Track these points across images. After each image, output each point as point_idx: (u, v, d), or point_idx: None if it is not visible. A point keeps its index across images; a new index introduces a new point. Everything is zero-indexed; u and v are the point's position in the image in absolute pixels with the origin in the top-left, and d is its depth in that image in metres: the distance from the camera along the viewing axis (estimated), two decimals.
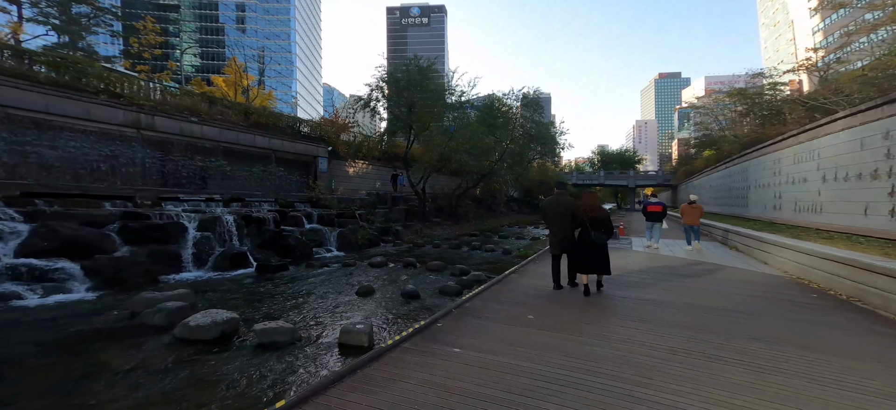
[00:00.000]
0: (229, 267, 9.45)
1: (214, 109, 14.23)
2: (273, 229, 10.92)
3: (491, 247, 14.00)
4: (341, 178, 20.32)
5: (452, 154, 18.16)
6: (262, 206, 12.41)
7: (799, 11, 58.69)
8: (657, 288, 6.01)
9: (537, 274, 7.02)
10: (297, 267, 10.28)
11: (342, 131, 20.07)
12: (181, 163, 12.54)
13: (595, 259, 5.25)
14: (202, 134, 13.04)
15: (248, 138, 14.67)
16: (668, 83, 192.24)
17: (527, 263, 8.14)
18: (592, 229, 5.19)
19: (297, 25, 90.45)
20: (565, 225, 5.53)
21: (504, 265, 11.11)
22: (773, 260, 7.65)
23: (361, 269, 10.38)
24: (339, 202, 16.00)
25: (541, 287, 6.05)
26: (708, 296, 5.54)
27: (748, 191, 15.03)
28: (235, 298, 7.28)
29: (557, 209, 5.66)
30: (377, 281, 9.12)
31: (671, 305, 5.07)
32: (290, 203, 13.76)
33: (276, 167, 15.67)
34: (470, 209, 27.28)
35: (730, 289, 5.96)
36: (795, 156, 10.26)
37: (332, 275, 9.61)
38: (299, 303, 7.01)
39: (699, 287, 6.15)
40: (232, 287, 8.20)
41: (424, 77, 17.82)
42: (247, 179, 14.32)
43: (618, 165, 57.81)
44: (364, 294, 7.65)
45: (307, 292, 7.95)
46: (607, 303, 5.17)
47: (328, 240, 13.27)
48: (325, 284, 8.70)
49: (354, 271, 10.14)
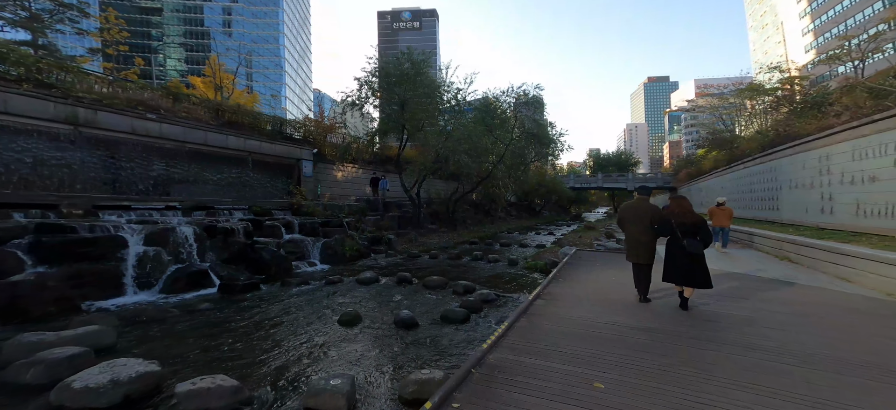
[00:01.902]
0: (185, 287, 7.63)
1: (179, 106, 12.34)
2: (243, 241, 9.09)
3: (494, 257, 12.37)
4: (328, 183, 18.53)
5: (449, 155, 16.50)
6: (233, 215, 10.54)
7: (788, 13, 58.99)
8: (760, 326, 4.33)
9: (571, 300, 5.37)
10: (272, 285, 8.53)
11: (329, 132, 18.33)
12: (134, 166, 10.64)
13: (688, 269, 4.66)
14: (162, 133, 11.15)
15: (220, 139, 12.81)
16: (656, 87, 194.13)
17: (549, 283, 6.47)
18: (684, 236, 4.64)
19: (286, 29, 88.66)
20: (644, 232, 5.12)
21: (515, 280, 9.47)
22: (859, 278, 6.10)
23: (347, 287, 8.67)
24: (325, 209, 14.21)
25: (586, 320, 4.40)
26: (834, 339, 3.90)
27: (779, 193, 13.64)
28: (179, 332, 5.50)
29: (637, 215, 5.25)
30: (365, 302, 7.41)
31: (801, 357, 3.40)
32: (268, 211, 11.90)
33: (253, 171, 13.81)
34: (468, 215, 25.67)
35: (847, 323, 4.36)
36: (856, 151, 8.84)
37: (312, 295, 7.88)
38: (261, 339, 5.25)
39: (805, 323, 4.53)
40: (181, 314, 6.41)
41: (418, 71, 16.19)
42: (218, 185, 12.43)
43: (614, 168, 56.86)
44: (348, 323, 5.96)
45: (276, 320, 6.20)
46: (707, 356, 3.50)
47: (311, 252, 11.48)
48: (301, 308, 6.97)
49: (339, 289, 8.45)
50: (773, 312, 4.78)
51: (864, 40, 17.25)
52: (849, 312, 4.83)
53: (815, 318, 4.57)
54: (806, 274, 7.18)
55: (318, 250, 11.43)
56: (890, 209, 7.68)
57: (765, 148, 15.53)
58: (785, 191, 13.17)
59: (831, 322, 4.44)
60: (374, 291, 8.40)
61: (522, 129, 22.93)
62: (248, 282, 7.89)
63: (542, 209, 45.08)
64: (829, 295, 5.70)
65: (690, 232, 4.68)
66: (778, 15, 62.86)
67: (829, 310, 4.89)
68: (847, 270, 6.45)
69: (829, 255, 6.91)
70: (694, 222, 4.72)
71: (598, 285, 6.30)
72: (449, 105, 18.80)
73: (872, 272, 5.82)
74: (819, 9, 51.61)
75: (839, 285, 6.15)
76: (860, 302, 5.23)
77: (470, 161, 16.84)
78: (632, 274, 5.43)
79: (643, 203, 5.39)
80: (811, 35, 53.41)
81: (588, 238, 16.22)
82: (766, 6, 67.77)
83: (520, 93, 20.25)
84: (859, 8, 44.76)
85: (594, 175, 57.12)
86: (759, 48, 70.77)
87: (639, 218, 5.23)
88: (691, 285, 4.73)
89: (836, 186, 9.76)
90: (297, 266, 10.42)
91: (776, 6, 63.57)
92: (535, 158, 27.69)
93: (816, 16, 52.24)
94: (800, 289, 6.00)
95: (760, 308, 5.03)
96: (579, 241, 15.03)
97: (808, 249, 7.60)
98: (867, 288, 5.83)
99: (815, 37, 52.49)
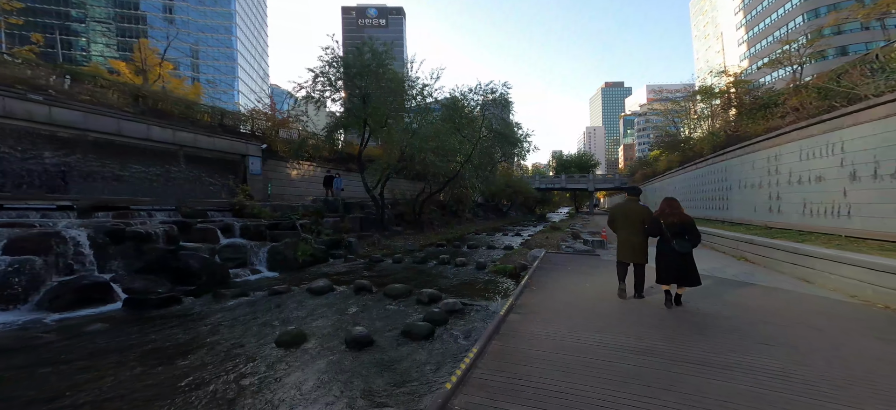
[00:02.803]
0: (71, 304, 6.15)
1: (80, 87, 10.37)
2: (163, 247, 7.68)
3: (462, 260, 11.78)
4: (281, 182, 16.97)
5: (415, 153, 15.66)
6: (153, 217, 8.97)
7: (727, 24, 65.62)
8: (730, 338, 4.04)
9: (548, 313, 4.80)
10: (201, 297, 7.26)
11: (282, 127, 16.76)
12: (11, 157, 8.70)
13: (679, 268, 4.75)
14: (52, 118, 9.23)
15: (138, 129, 10.97)
16: (613, 92, 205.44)
17: (522, 292, 5.91)
18: (674, 237, 4.73)
19: (239, 20, 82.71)
20: (635, 233, 5.19)
21: (483, 286, 8.91)
22: (818, 279, 6.15)
23: (296, 298, 7.64)
24: (275, 210, 12.82)
25: (569, 341, 3.81)
26: (808, 354, 3.63)
27: (729, 192, 14.31)
28: (44, 363, 4.25)
29: (628, 216, 5.29)
30: (314, 316, 6.44)
31: (779, 375, 3.06)
32: (202, 212, 10.36)
33: (187, 167, 12.07)
34: (435, 216, 24.98)
35: (822, 329, 4.19)
36: (803, 151, 9.22)
37: (249, 309, 6.78)
38: (163, 371, 4.15)
39: (774, 332, 4.30)
40: (58, 339, 5.10)
41: (380, 63, 15.15)
42: (137, 182, 10.63)
43: (576, 169, 58.92)
44: (288, 343, 5.05)
45: (194, 343, 5.09)
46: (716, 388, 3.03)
47: (255, 259, 10.16)
48: (232, 325, 5.89)
49: (285, 301, 7.42)
50: (756, 331, 4.52)
51: (802, 45, 19.02)
52: (830, 317, 4.70)
53: (798, 335, 4.35)
54: (763, 274, 7.24)
55: (265, 256, 10.14)
56: (836, 208, 8.03)
57: (716, 149, 16.28)
58: (735, 191, 13.81)
59: (810, 332, 4.23)
60: (326, 302, 7.44)
61: (490, 129, 22.62)
62: (167, 296, 6.59)
63: (509, 210, 45.48)
64: (802, 299, 5.63)
65: (679, 233, 4.74)
66: (718, 26, 69.40)
67: (816, 318, 4.74)
68: (806, 271, 6.52)
69: (788, 256, 7.00)
70: (683, 222, 4.79)
71: (574, 293, 5.84)
72: (415, 101, 17.96)
73: (834, 273, 5.86)
74: (752, 21, 57.91)
75: (803, 287, 6.12)
76: (830, 306, 5.17)
77: (437, 159, 16.09)
78: (607, 277, 5.55)
79: (634, 204, 5.40)
80: (745, 45, 59.44)
81: (555, 238, 16.14)
82: (708, 18, 74.75)
83: (487, 91, 19.86)
84: (784, 22, 51.16)
85: (558, 176, 58.81)
86: (702, 57, 77.57)
87: (630, 220, 5.24)
88: (684, 284, 4.79)
89: (784, 186, 10.21)
90: (238, 274, 9.13)
91: (717, 18, 70.30)
92: (502, 158, 27.57)
93: (750, 27, 58.48)
94: (772, 295, 5.93)
95: (743, 315, 4.79)
96: (547, 242, 14.86)
97: (767, 249, 7.73)
98: (830, 290, 5.85)
99: (748, 47, 58.62)
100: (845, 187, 7.77)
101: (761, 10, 56.00)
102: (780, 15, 52.27)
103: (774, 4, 53.34)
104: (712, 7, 72.86)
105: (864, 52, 35.92)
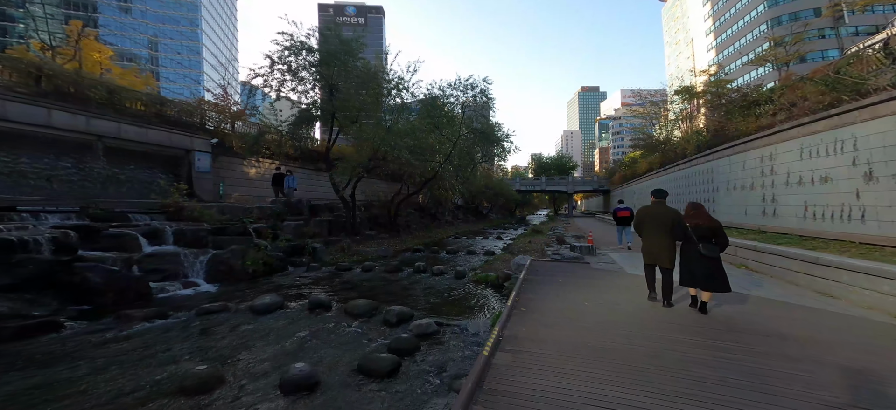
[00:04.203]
0: None
1: None
2: (50, 258, 5.97)
3: (439, 268, 10.57)
4: (237, 182, 15.16)
5: (390, 151, 14.29)
6: (44, 220, 7.15)
7: (697, 31, 68.93)
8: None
9: (549, 353, 3.60)
10: (100, 320, 5.68)
11: (238, 120, 14.92)
12: None
13: (707, 273, 4.58)
14: None
15: (32, 113, 9.11)
16: (589, 96, 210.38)
17: (509, 318, 4.73)
18: (700, 241, 4.63)
19: (206, 13, 78.18)
20: (662, 236, 5.08)
21: (463, 299, 7.72)
22: (846, 294, 5.31)
23: (231, 319, 6.23)
24: (224, 213, 11.11)
25: (573, 400, 2.64)
26: None
27: (716, 194, 13.81)
28: None
29: (656, 219, 5.19)
30: (248, 345, 5.06)
31: None
32: (121, 214, 8.56)
33: (108, 162, 10.13)
34: (412, 218, 23.64)
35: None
36: (805, 149, 8.60)
37: (161, 336, 5.34)
38: None
39: (851, 377, 3.31)
40: None
41: (349, 52, 13.62)
42: (26, 178, 8.64)
43: (555, 171, 59.08)
44: (195, 389, 3.76)
45: (50, 393, 3.63)
46: None
47: (190, 269, 8.52)
48: (124, 362, 4.48)
49: (217, 322, 6.03)
50: (824, 360, 3.53)
51: (787, 43, 19.26)
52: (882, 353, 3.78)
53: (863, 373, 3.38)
54: (775, 286, 6.41)
55: (203, 266, 8.50)
56: (846, 212, 7.37)
57: (701, 149, 15.85)
58: (722, 193, 13.31)
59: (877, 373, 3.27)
60: (270, 324, 6.06)
61: (470, 127, 21.53)
62: (40, 322, 4.96)
63: (489, 212, 44.74)
64: (841, 321, 4.75)
65: (706, 237, 4.61)
66: (689, 32, 72.40)
67: (867, 357, 3.80)
68: (827, 283, 5.70)
69: (804, 266, 6.17)
70: (710, 226, 4.65)
71: (574, 318, 4.70)
72: (390, 94, 16.57)
73: (868, 288, 5.01)
74: (720, 28, 60.96)
75: (831, 305, 5.23)
76: (874, 329, 4.30)
77: (413, 158, 14.74)
78: (606, 292, 5.36)
79: (661, 206, 5.24)
80: (714, 51, 62.24)
81: (538, 243, 15.19)
82: (680, 24, 77.94)
83: (468, 86, 18.71)
84: (749, 29, 54.34)
85: (537, 178, 58.74)
86: (673, 62, 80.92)
87: (658, 222, 5.11)
88: (711, 289, 4.60)
89: (780, 187, 9.61)
90: (164, 289, 7.50)
91: (687, 24, 73.40)
92: (483, 159, 26.54)
93: (719, 34, 61.51)
94: (802, 316, 5.03)
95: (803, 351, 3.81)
96: (530, 247, 13.87)
97: (775, 258, 6.91)
98: (864, 308, 5.02)
99: (716, 52, 61.40)
100: (858, 188, 7.11)
101: (728, 18, 58.91)
102: (746, 22, 55.39)
103: (741, 12, 56.20)
104: (683, 14, 75.98)
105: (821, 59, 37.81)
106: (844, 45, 37.58)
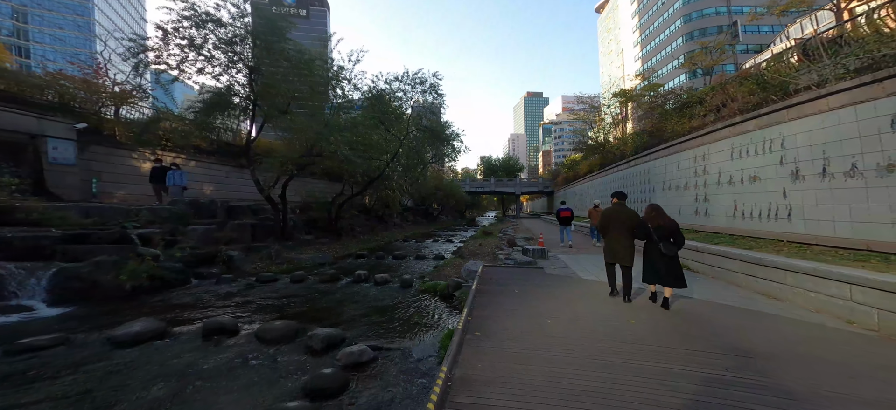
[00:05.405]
0: None
1: None
2: None
3: (383, 276, 9.45)
4: (122, 177, 12.45)
5: (327, 147, 12.70)
6: None
7: (627, 43, 77.28)
8: None
9: (513, 393, 2.78)
10: None
11: (124, 103, 12.19)
12: None
13: (666, 270, 4.86)
14: None
15: None
16: (534, 101, 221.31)
17: (462, 346, 3.85)
18: (660, 240, 4.86)
19: None
20: (625, 236, 5.28)
21: (408, 314, 6.69)
22: (790, 295, 5.29)
23: (67, 357, 4.59)
24: (89, 215, 8.80)
25: None
26: None
27: (652, 195, 14.45)
28: None
29: (619, 220, 5.35)
30: (86, 400, 3.63)
31: None
32: None
33: None
34: (356, 221, 21.94)
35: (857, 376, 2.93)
36: (735, 149, 9.02)
37: None
38: None
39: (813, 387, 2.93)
40: None
41: (274, 30, 11.74)
42: None
43: (504, 173, 60.49)
44: None
45: None
46: None
47: (22, 289, 6.47)
48: None
49: (43, 363, 4.38)
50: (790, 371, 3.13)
51: (713, 46, 21.62)
52: (847, 363, 3.56)
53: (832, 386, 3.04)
54: (723, 289, 6.38)
55: (44, 285, 6.51)
56: (773, 210, 7.75)
57: (638, 150, 16.60)
58: (658, 193, 13.95)
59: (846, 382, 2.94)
60: (135, 360, 4.56)
61: (419, 126, 20.53)
62: None
63: (439, 214, 44.12)
64: (798, 328, 4.61)
65: (665, 237, 4.87)
66: (620, 43, 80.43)
67: (836, 369, 3.54)
68: (769, 285, 5.70)
69: (744, 266, 6.20)
70: (670, 226, 4.92)
71: (539, 345, 3.94)
72: (329, 83, 14.90)
73: (814, 290, 4.98)
74: (645, 40, 68.99)
75: (784, 310, 5.14)
76: (830, 334, 4.15)
77: (354, 155, 13.30)
78: (567, 304, 5.42)
79: (623, 208, 5.45)
80: (640, 61, 69.64)
81: (489, 246, 14.70)
82: (613, 35, 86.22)
83: (416, 80, 17.69)
84: (668, 42, 62.29)
85: (487, 179, 59.61)
86: (606, 71, 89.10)
87: (621, 223, 5.32)
88: (672, 285, 4.87)
89: (712, 187, 10.09)
90: None
91: (619, 36, 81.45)
92: (433, 159, 25.71)
93: (644, 45, 69.31)
94: (762, 322, 4.86)
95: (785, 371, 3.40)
96: (481, 251, 13.28)
97: (715, 258, 6.96)
98: (812, 311, 4.95)
99: (642, 63, 68.84)
100: (786, 187, 7.48)
101: (651, 32, 66.88)
102: (665, 36, 63.16)
103: (661, 27, 64.18)
104: (616, 26, 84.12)
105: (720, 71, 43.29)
106: (738, 62, 43.85)
